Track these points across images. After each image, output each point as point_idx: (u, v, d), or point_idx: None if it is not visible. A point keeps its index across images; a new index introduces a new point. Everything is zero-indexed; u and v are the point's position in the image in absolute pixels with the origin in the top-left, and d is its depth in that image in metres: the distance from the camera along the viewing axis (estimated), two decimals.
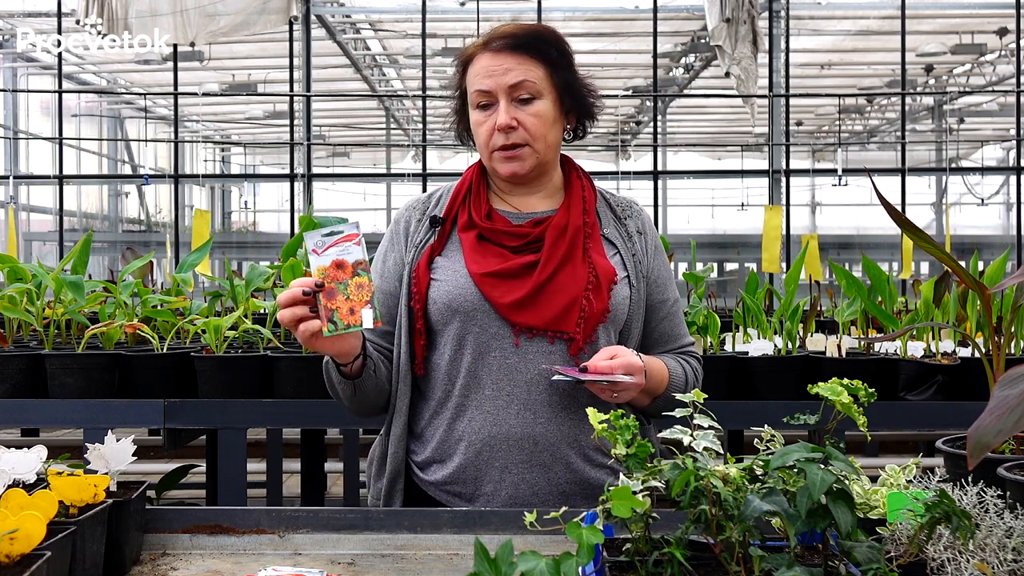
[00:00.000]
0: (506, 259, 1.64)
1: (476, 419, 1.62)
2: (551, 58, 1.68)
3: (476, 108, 1.68)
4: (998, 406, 0.96)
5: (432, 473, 1.67)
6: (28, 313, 2.82)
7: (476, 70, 1.67)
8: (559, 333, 1.62)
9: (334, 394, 1.68)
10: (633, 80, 13.00)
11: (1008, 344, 2.71)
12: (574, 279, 1.63)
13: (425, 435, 1.69)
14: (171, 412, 2.65)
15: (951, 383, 2.70)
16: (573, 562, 0.95)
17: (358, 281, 1.46)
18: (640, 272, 1.72)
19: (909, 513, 1.12)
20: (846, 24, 11.10)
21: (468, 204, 1.71)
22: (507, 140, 1.65)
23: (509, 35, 1.67)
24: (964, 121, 15.10)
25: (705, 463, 1.03)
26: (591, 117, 1.77)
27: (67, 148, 12.65)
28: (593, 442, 1.64)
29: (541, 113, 1.66)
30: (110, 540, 1.27)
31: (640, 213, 1.81)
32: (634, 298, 1.70)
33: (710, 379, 2.77)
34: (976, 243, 11.76)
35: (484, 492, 1.62)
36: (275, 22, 8.52)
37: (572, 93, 1.71)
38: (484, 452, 1.62)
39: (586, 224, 1.70)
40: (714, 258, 15.40)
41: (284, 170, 11.49)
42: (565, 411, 1.63)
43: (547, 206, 1.74)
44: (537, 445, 1.61)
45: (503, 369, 1.62)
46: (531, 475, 1.61)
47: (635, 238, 1.76)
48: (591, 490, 1.65)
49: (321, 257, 1.47)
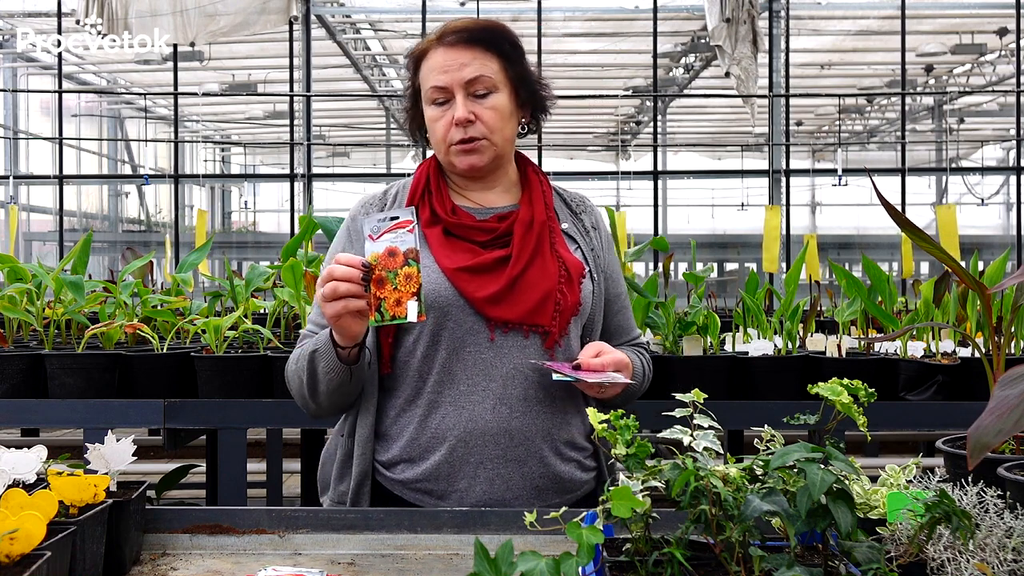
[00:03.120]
0: (477, 254, 1.64)
1: (450, 415, 1.60)
2: (505, 51, 1.68)
3: (432, 104, 1.67)
4: (998, 406, 0.96)
5: (400, 472, 1.64)
6: (28, 313, 2.82)
7: (431, 65, 1.67)
8: (534, 327, 1.61)
9: (311, 386, 1.61)
10: (633, 80, 13.00)
11: (1008, 344, 2.71)
12: (546, 273, 1.63)
13: (391, 433, 1.66)
14: (171, 412, 2.65)
15: (951, 383, 2.70)
16: (573, 562, 0.95)
17: (407, 271, 1.44)
18: (599, 266, 1.75)
19: (909, 513, 1.12)
20: (846, 24, 11.10)
21: (429, 200, 1.69)
22: (465, 134, 1.64)
23: (462, 29, 1.66)
24: (964, 121, 15.11)
25: (705, 463, 1.03)
26: (544, 111, 1.77)
27: (67, 148, 12.66)
28: (565, 436, 1.65)
29: (498, 106, 1.66)
30: (110, 540, 1.27)
31: (593, 208, 1.83)
32: (596, 292, 1.72)
33: (710, 379, 2.79)
34: (976, 243, 11.74)
35: (457, 489, 1.60)
36: (275, 22, 8.53)
37: (527, 86, 1.71)
38: (459, 448, 1.60)
39: (549, 219, 1.71)
40: (714, 258, 15.41)
41: (284, 170, 11.49)
42: (539, 405, 1.62)
43: (506, 201, 1.74)
44: (512, 440, 1.60)
45: (478, 364, 1.60)
46: (505, 470, 1.60)
47: (591, 233, 1.78)
48: (562, 484, 1.65)
49: (376, 243, 1.45)
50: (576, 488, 1.68)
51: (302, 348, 1.66)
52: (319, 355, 1.59)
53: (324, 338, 1.59)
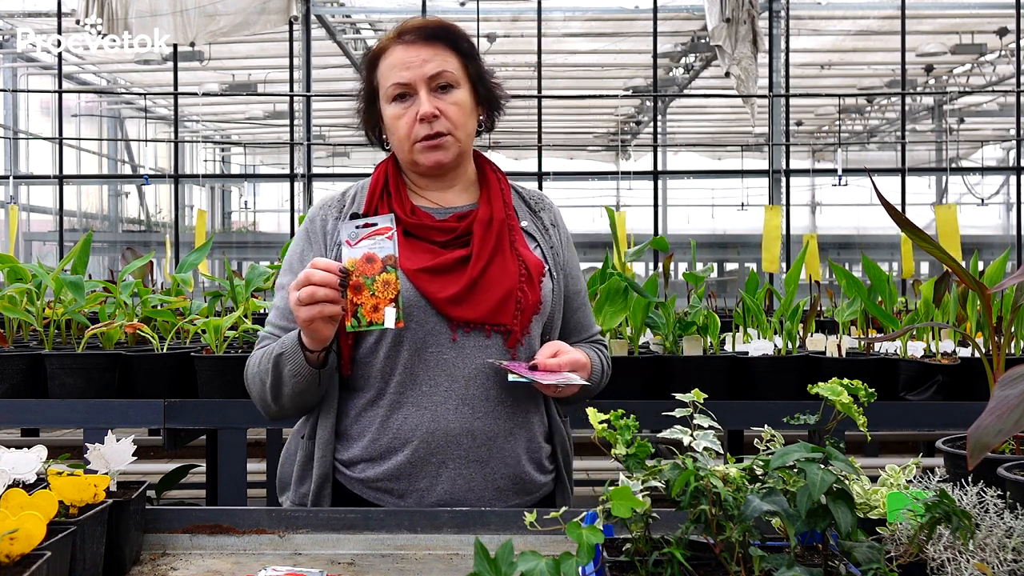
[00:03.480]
0: (437, 254, 1.64)
1: (412, 416, 1.60)
2: (463, 49, 1.69)
3: (393, 101, 1.67)
4: (998, 406, 0.96)
5: (361, 471, 1.64)
6: (28, 313, 2.82)
7: (391, 63, 1.67)
8: (496, 326, 1.62)
9: (275, 389, 1.61)
10: (633, 80, 13.01)
11: (1008, 344, 2.71)
12: (506, 272, 1.63)
13: (351, 433, 1.65)
14: (171, 412, 2.65)
15: (951, 383, 2.70)
16: (573, 562, 0.95)
17: (385, 277, 1.44)
18: (558, 263, 1.75)
19: (909, 513, 1.12)
20: (846, 24, 11.11)
21: (388, 200, 1.69)
22: (431, 130, 1.64)
23: (421, 27, 1.67)
24: (964, 121, 15.10)
25: (705, 463, 1.03)
26: (499, 109, 1.78)
27: (67, 148, 12.66)
28: (526, 436, 1.66)
29: (460, 102, 1.67)
30: (110, 540, 1.27)
31: (551, 206, 1.84)
32: (555, 290, 1.72)
33: (710, 379, 2.79)
34: (976, 243, 11.74)
35: (418, 488, 1.60)
36: (275, 22, 8.53)
37: (484, 84, 1.73)
38: (421, 449, 1.59)
39: (508, 217, 1.71)
40: (714, 258, 15.40)
41: (284, 170, 11.49)
42: (501, 405, 1.63)
43: (465, 200, 1.75)
44: (475, 440, 1.60)
45: (440, 364, 1.60)
46: (467, 471, 1.60)
47: (550, 230, 1.79)
48: (523, 485, 1.65)
49: (353, 249, 1.46)
50: (536, 489, 1.69)
51: (264, 350, 1.65)
52: (285, 358, 1.58)
53: (291, 341, 1.58)
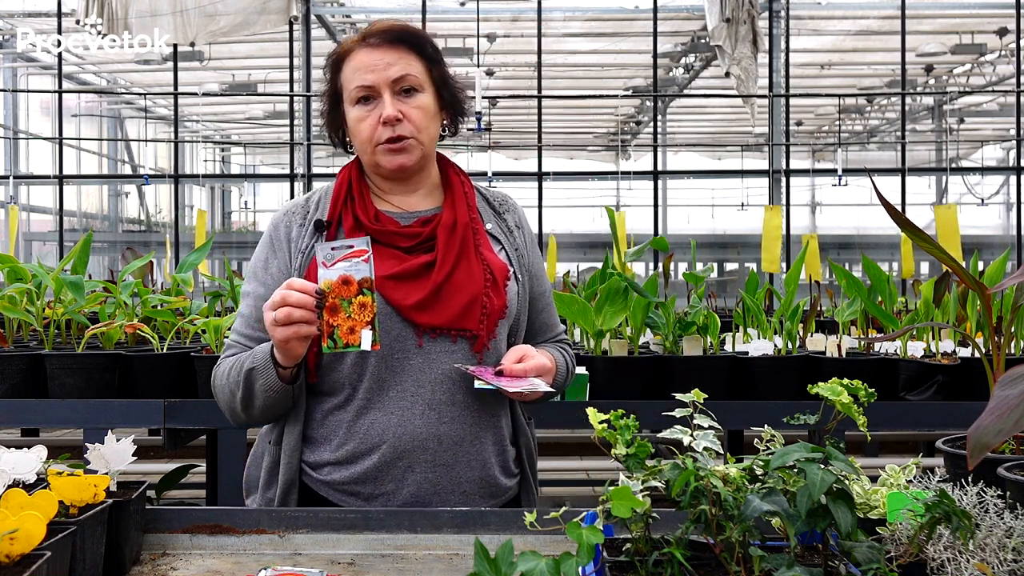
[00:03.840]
0: (402, 260, 1.64)
1: (379, 420, 1.61)
2: (427, 53, 1.69)
3: (356, 104, 1.67)
4: (998, 406, 0.96)
5: (327, 474, 1.64)
6: (28, 313, 2.82)
7: (355, 65, 1.67)
8: (462, 331, 1.62)
9: (245, 401, 1.61)
10: (633, 80, 13.01)
11: (1008, 344, 2.71)
12: (471, 277, 1.64)
13: (317, 437, 1.66)
14: (171, 412, 2.65)
15: (951, 383, 2.70)
16: (573, 562, 0.95)
17: (361, 300, 1.46)
18: (523, 266, 1.76)
19: (909, 513, 1.12)
20: (846, 24, 11.11)
21: (352, 206, 1.69)
22: (393, 133, 1.65)
23: (386, 30, 1.68)
24: (964, 121, 15.10)
25: (705, 463, 1.03)
26: (463, 113, 1.78)
27: (67, 148, 12.66)
28: (492, 440, 1.67)
29: (424, 106, 1.67)
30: (110, 540, 1.27)
31: (515, 207, 1.84)
32: (521, 293, 1.73)
33: (710, 379, 2.79)
34: (976, 243, 11.75)
35: (385, 491, 1.61)
36: (275, 22, 8.53)
37: (448, 88, 1.73)
38: (388, 453, 1.60)
39: (472, 220, 1.71)
40: (714, 258, 15.41)
41: (284, 170, 11.50)
42: (468, 409, 1.64)
43: (429, 204, 1.75)
44: (441, 444, 1.61)
45: (407, 370, 1.61)
46: (433, 475, 1.61)
47: (515, 232, 1.79)
48: (488, 489, 1.66)
49: (329, 270, 1.47)
50: (502, 493, 1.70)
51: (235, 360, 1.65)
52: (257, 372, 1.59)
53: (262, 356, 1.58)
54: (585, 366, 2.81)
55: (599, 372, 2.80)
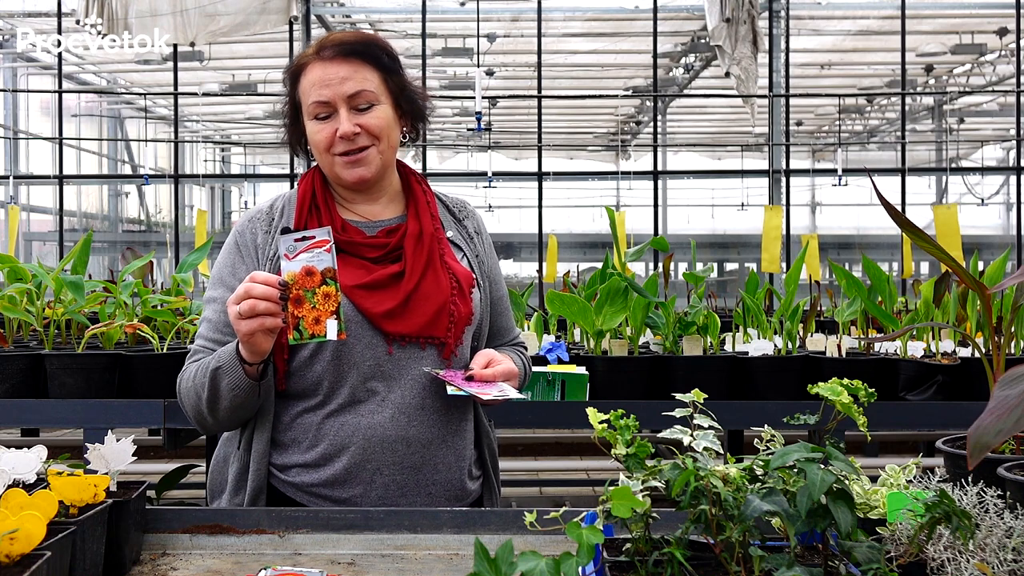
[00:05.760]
0: (370, 270, 1.66)
1: (348, 423, 1.62)
2: (383, 63, 1.69)
3: (314, 119, 1.68)
4: (998, 406, 0.96)
5: (295, 476, 1.65)
6: (28, 313, 2.82)
7: (311, 80, 1.67)
8: (430, 339, 1.65)
9: (211, 403, 1.60)
10: (633, 80, 13.00)
11: (1008, 344, 2.71)
12: (438, 286, 1.67)
13: (285, 439, 1.66)
14: (171, 412, 2.65)
15: (951, 383, 2.70)
16: (573, 562, 0.95)
17: (325, 290, 1.46)
18: (484, 272, 1.79)
19: (909, 513, 1.12)
20: (846, 24, 11.10)
21: (317, 215, 1.70)
22: (352, 146, 1.66)
23: (340, 42, 1.68)
24: (964, 121, 15.10)
25: (705, 463, 1.03)
26: (424, 120, 1.79)
27: (67, 148, 12.66)
28: (458, 443, 1.69)
29: (382, 117, 1.67)
30: (110, 540, 1.27)
31: (473, 213, 1.87)
32: (483, 299, 1.76)
33: (710, 379, 2.79)
34: (976, 243, 11.75)
35: (353, 494, 1.62)
36: (275, 22, 8.53)
37: (407, 96, 1.73)
38: (356, 456, 1.62)
39: (436, 230, 1.74)
40: (714, 258, 15.42)
41: (284, 170, 11.49)
42: (436, 413, 1.66)
43: (392, 213, 1.76)
44: (409, 447, 1.63)
45: (376, 376, 1.63)
46: (401, 477, 1.63)
47: (475, 238, 1.82)
48: (454, 491, 1.68)
49: (292, 262, 1.47)
50: (466, 496, 1.72)
51: (200, 363, 1.64)
52: (223, 372, 1.58)
53: (228, 355, 1.58)
54: (585, 366, 2.81)
55: (599, 372, 2.80)
